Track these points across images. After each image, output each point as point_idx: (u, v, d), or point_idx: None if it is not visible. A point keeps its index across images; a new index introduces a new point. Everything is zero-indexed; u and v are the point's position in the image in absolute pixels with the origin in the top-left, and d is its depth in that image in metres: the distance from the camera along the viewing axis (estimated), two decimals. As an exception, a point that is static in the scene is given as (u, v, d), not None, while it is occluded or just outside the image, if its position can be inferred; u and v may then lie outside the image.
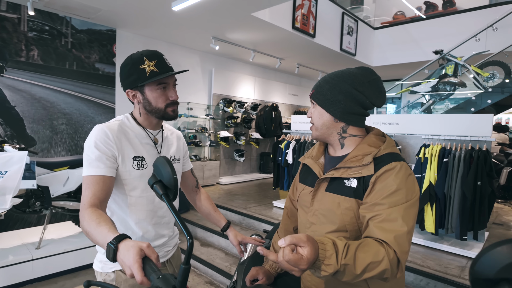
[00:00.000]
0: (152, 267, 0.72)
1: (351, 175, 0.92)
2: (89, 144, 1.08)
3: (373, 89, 0.96)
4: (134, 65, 1.11)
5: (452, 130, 3.08)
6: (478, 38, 4.53)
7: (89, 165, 1.05)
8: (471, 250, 2.86)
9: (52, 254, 3.07)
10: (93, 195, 1.00)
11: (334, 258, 0.70)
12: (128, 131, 1.18)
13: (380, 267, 0.74)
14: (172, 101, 1.16)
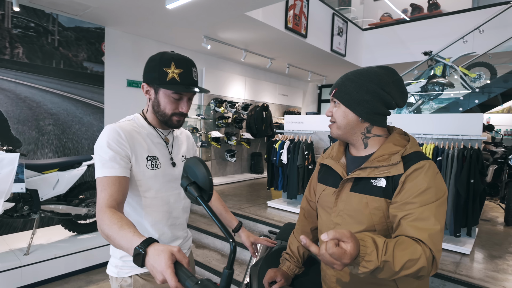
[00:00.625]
0: (186, 273, 0.69)
1: (379, 174, 0.91)
2: (101, 145, 1.04)
3: (397, 89, 0.96)
4: (160, 64, 1.08)
5: (443, 129, 3.16)
6: (465, 40, 4.67)
7: (103, 166, 1.01)
8: (463, 246, 2.94)
9: (42, 260, 2.95)
10: (110, 196, 0.96)
11: (375, 255, 0.70)
12: (140, 130, 1.14)
13: (418, 265, 0.74)
14: (180, 112, 1.13)
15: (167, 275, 0.67)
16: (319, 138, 4.11)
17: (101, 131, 1.08)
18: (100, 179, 1.00)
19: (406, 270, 0.73)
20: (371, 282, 0.93)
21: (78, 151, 4.34)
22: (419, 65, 5.12)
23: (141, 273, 1.12)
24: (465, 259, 2.80)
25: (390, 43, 6.30)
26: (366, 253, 0.70)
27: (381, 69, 0.98)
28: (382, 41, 6.43)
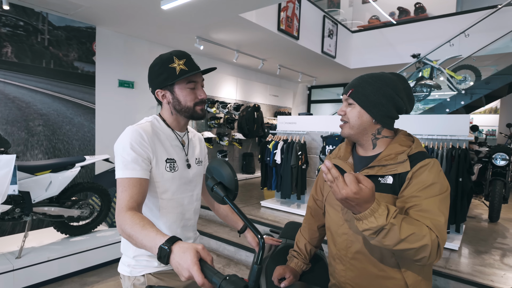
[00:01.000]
0: (211, 269, 0.71)
1: (386, 172, 0.96)
2: (123, 146, 1.05)
3: (408, 96, 1.02)
4: (164, 64, 1.10)
5: (432, 130, 3.27)
6: (452, 43, 4.84)
7: (125, 167, 1.02)
8: (452, 242, 3.05)
9: (35, 263, 2.90)
10: (130, 198, 0.98)
11: (385, 215, 0.76)
12: (160, 132, 1.16)
13: (422, 242, 0.80)
14: (200, 100, 1.16)
15: (194, 272, 0.70)
16: (312, 138, 4.17)
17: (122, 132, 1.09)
18: (121, 180, 1.01)
19: (410, 243, 0.79)
20: (379, 275, 0.98)
21: (68, 152, 4.27)
22: (407, 67, 5.27)
23: (154, 272, 1.14)
24: (453, 254, 2.91)
25: (379, 45, 6.45)
26: (377, 210, 0.75)
27: (394, 76, 1.03)
28: (371, 43, 6.58)
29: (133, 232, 0.87)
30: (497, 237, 3.47)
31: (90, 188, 3.50)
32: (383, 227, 0.78)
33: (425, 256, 0.83)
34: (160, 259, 0.76)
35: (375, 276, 0.99)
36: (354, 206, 0.78)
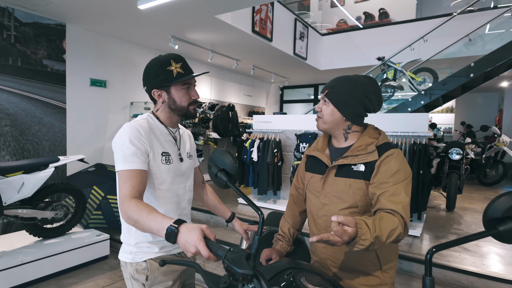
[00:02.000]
0: (215, 245, 0.82)
1: (359, 161, 1.12)
2: (123, 141, 1.12)
3: (377, 97, 1.17)
4: (162, 66, 1.19)
5: (396, 127, 3.56)
6: (412, 48, 5.23)
7: (125, 160, 1.10)
8: (415, 229, 3.35)
9: (8, 267, 2.81)
10: (133, 187, 1.06)
11: (369, 234, 0.88)
12: (155, 129, 1.24)
13: (397, 232, 0.95)
14: (194, 100, 1.26)
15: (200, 247, 0.81)
16: (286, 136, 4.35)
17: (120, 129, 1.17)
18: (122, 172, 1.09)
19: (390, 238, 0.94)
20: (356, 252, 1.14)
21: (38, 153, 4.13)
22: (373, 69, 5.62)
23: (155, 257, 1.23)
24: (416, 240, 3.20)
25: (347, 48, 6.79)
26: (362, 233, 0.88)
27: (366, 79, 1.19)
28: (339, 46, 6.90)
29: (140, 217, 0.96)
30: (453, 224, 3.83)
31: (64, 189, 3.42)
32: (372, 243, 0.90)
33: (400, 239, 1.00)
34: (168, 239, 0.86)
35: (355, 255, 1.15)
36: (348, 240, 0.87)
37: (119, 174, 1.10)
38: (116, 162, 1.12)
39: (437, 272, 2.67)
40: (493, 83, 8.53)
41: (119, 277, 3.21)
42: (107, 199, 3.96)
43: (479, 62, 4.54)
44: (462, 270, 2.58)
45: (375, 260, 1.14)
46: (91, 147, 4.81)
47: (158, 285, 1.22)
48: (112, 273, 3.29)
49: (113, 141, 1.16)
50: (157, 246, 1.23)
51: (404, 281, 2.66)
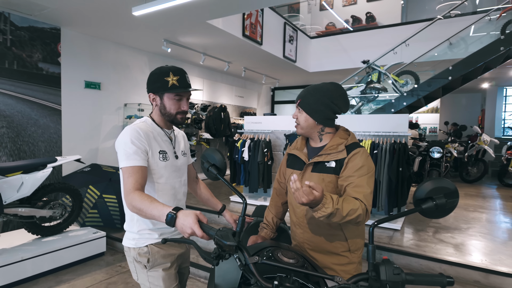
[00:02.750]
0: (207, 226, 1.00)
1: (331, 159, 1.31)
2: (125, 141, 1.29)
3: (343, 101, 1.36)
4: (161, 75, 1.37)
5: (378, 127, 3.78)
6: (395, 51, 5.48)
7: (128, 158, 1.27)
8: (395, 223, 3.57)
9: (8, 263, 2.94)
10: (135, 181, 1.23)
11: (331, 204, 1.08)
12: (152, 130, 1.41)
13: (357, 213, 1.14)
14: (182, 111, 1.43)
15: (195, 229, 0.98)
16: (276, 136, 4.54)
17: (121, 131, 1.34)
18: (126, 168, 1.26)
19: (350, 216, 1.13)
20: (328, 234, 1.33)
21: (34, 154, 4.24)
22: (358, 72, 5.85)
23: (155, 242, 1.40)
24: (396, 233, 3.42)
25: (334, 51, 7.01)
26: (326, 202, 1.07)
27: (332, 86, 1.37)
28: (327, 49, 7.13)
29: (143, 206, 1.13)
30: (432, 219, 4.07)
31: (61, 189, 3.54)
32: (331, 213, 1.10)
33: (360, 220, 1.18)
34: (168, 223, 1.03)
35: (325, 234, 1.33)
36: (310, 205, 1.08)
37: (123, 170, 1.26)
38: (119, 160, 1.29)
39: (414, 261, 2.88)
40: (476, 85, 8.88)
41: (115, 272, 3.35)
42: (102, 198, 4.09)
43: (456, 65, 4.80)
44: (435, 259, 2.80)
45: (345, 243, 1.33)
46: (86, 148, 4.92)
47: (158, 267, 1.39)
48: (109, 268, 3.43)
49: (116, 142, 1.33)
50: (157, 233, 1.40)
51: (384, 270, 2.87)
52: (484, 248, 3.07)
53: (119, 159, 1.29)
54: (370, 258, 0.93)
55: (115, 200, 4.12)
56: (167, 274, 1.40)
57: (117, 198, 4.13)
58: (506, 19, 5.25)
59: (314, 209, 1.08)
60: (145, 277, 1.38)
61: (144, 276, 1.39)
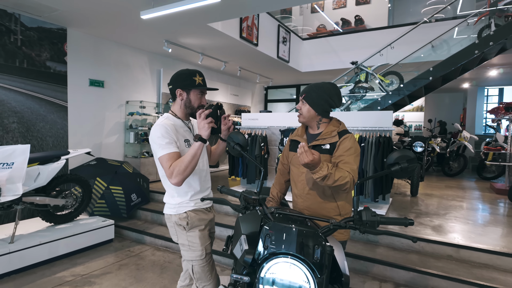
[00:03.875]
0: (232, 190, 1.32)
1: (326, 142, 1.65)
2: (157, 136, 1.61)
3: (337, 98, 1.70)
4: (189, 75, 1.69)
5: (365, 123, 4.14)
6: (381, 53, 5.88)
7: (162, 148, 1.59)
8: (381, 209, 3.94)
9: (28, 247, 3.18)
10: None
11: (326, 168, 1.43)
12: (174, 124, 1.72)
13: (345, 180, 1.48)
14: (202, 105, 1.77)
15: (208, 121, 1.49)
16: (272, 132, 4.87)
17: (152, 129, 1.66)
18: (163, 156, 1.58)
19: (339, 181, 1.47)
20: (322, 201, 1.66)
21: (43, 149, 4.46)
22: (347, 72, 6.23)
23: (191, 209, 1.73)
24: (381, 218, 3.79)
25: (325, 52, 7.39)
26: (322, 166, 1.41)
27: (330, 85, 1.70)
28: (318, 50, 7.50)
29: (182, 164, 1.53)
30: (414, 206, 4.47)
31: (72, 180, 3.79)
32: (326, 175, 1.44)
33: (347, 187, 1.52)
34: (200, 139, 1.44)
35: (320, 202, 1.67)
36: (311, 166, 1.42)
37: (161, 159, 1.59)
38: (155, 152, 1.62)
39: (396, 240, 3.26)
40: (458, 85, 9.39)
41: (125, 255, 3.63)
42: (109, 189, 4.35)
43: (436, 67, 5.22)
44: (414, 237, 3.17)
45: (336, 208, 1.67)
46: (91, 143, 5.16)
47: (195, 228, 1.73)
48: (119, 252, 3.70)
49: (150, 138, 1.66)
50: (193, 202, 1.75)
51: (370, 248, 3.23)
52: (457, 228, 3.47)
53: (155, 152, 1.61)
54: (354, 205, 1.27)
55: (121, 191, 4.39)
56: (202, 234, 1.74)
57: (123, 190, 4.40)
58: (483, 24, 5.71)
59: (313, 171, 1.43)
60: (185, 237, 1.72)
61: (184, 237, 1.72)
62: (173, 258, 3.60)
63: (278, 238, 1.15)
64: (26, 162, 2.39)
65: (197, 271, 1.71)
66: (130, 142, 5.74)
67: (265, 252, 1.15)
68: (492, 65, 6.93)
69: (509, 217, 4.01)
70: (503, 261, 2.81)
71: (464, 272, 2.74)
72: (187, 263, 1.75)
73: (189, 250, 1.72)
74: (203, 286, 1.73)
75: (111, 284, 2.94)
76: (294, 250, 1.11)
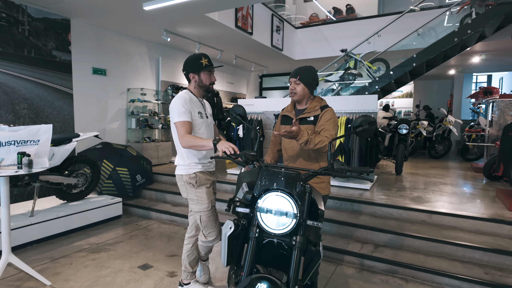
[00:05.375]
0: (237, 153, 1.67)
1: (310, 115, 2.00)
2: (178, 105, 1.95)
3: (318, 79, 2.05)
4: (196, 60, 2.02)
5: (353, 106, 4.49)
6: (369, 41, 6.19)
7: (180, 115, 1.93)
8: (366, 185, 4.34)
9: (47, 219, 3.53)
10: (186, 130, 1.91)
11: (306, 135, 1.78)
12: (191, 98, 2.06)
13: (324, 143, 1.83)
14: (212, 81, 2.10)
15: (232, 146, 1.67)
16: (266, 117, 5.20)
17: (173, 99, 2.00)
18: (179, 122, 1.92)
19: (319, 145, 1.82)
20: (308, 163, 2.02)
21: (51, 133, 4.74)
22: (337, 59, 6.55)
23: (199, 170, 2.08)
24: (366, 192, 4.19)
25: (317, 40, 7.68)
26: (303, 134, 1.77)
27: (313, 68, 2.06)
28: (311, 39, 7.78)
29: (194, 140, 1.82)
30: (397, 182, 4.88)
31: (83, 161, 4.11)
32: (307, 140, 1.79)
33: (327, 150, 1.88)
34: (214, 146, 1.71)
35: (306, 164, 2.03)
36: (295, 136, 1.77)
37: (177, 124, 1.93)
38: (173, 117, 1.96)
39: (377, 209, 3.65)
40: (445, 71, 9.77)
41: (134, 228, 3.99)
42: (116, 170, 4.67)
43: (419, 54, 5.56)
44: (393, 206, 3.57)
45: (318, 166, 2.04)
46: (95, 129, 5.45)
47: (202, 186, 2.09)
48: (128, 226, 4.06)
49: (170, 106, 1.99)
50: (201, 164, 2.10)
51: (354, 216, 3.63)
52: (433, 199, 3.87)
53: (173, 117, 1.95)
54: (329, 157, 1.63)
55: (127, 172, 4.72)
56: (208, 190, 2.11)
57: (128, 171, 4.73)
58: (466, 12, 6.03)
59: (297, 139, 1.79)
60: (194, 193, 2.09)
61: (193, 192, 2.09)
62: (178, 229, 3.97)
63: (271, 179, 1.51)
64: (50, 139, 2.69)
65: (204, 220, 2.09)
66: (132, 127, 6.04)
67: (261, 189, 1.51)
68: (475, 52, 7.28)
69: (481, 190, 4.44)
70: (468, 223, 3.23)
71: (435, 233, 3.15)
72: (195, 214, 2.12)
73: (198, 203, 2.08)
74: (209, 232, 2.11)
75: (124, 250, 3.31)
76: (282, 186, 1.47)
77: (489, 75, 12.49)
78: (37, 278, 2.62)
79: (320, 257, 1.50)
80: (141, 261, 3.05)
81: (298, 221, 1.43)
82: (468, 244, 2.87)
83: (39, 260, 3.06)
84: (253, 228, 1.49)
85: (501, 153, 4.37)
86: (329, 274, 2.84)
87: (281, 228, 1.44)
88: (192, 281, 2.32)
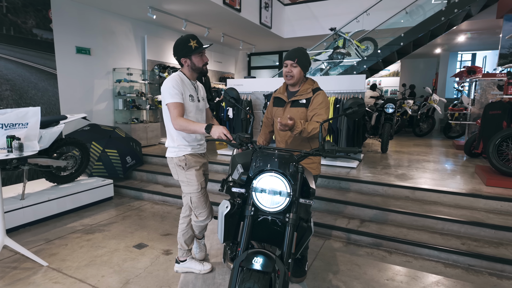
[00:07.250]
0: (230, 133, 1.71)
1: (302, 98, 2.04)
2: (169, 86, 1.95)
3: (310, 61, 2.07)
4: (185, 43, 2.00)
5: (340, 86, 4.54)
6: (358, 20, 6.17)
7: (172, 97, 1.93)
8: (352, 163, 4.48)
9: (39, 202, 3.53)
10: (179, 112, 1.91)
11: (300, 126, 1.82)
12: (184, 81, 2.06)
13: (316, 130, 1.89)
14: (205, 62, 2.09)
15: (225, 131, 1.70)
16: (256, 97, 5.21)
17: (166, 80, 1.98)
18: (171, 103, 1.92)
19: (312, 132, 1.88)
20: (301, 144, 2.09)
21: (37, 115, 4.64)
22: (326, 38, 6.52)
23: (188, 153, 2.10)
24: (353, 170, 4.33)
25: (306, 18, 7.58)
26: (298, 125, 1.81)
27: (306, 51, 2.07)
28: (300, 16, 7.67)
29: (187, 124, 1.83)
30: (383, 160, 5.05)
31: (71, 143, 4.07)
32: (301, 130, 1.83)
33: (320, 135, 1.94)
34: (207, 130, 1.73)
35: (297, 145, 2.10)
36: (289, 129, 1.79)
37: (169, 105, 1.93)
38: (165, 98, 1.95)
39: (363, 186, 3.81)
40: (431, 50, 9.86)
41: (127, 209, 4.04)
42: (105, 152, 4.65)
43: (407, 33, 5.60)
44: (378, 183, 3.73)
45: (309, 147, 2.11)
46: (82, 110, 5.35)
47: (192, 168, 2.12)
48: (120, 207, 4.11)
49: (162, 87, 1.98)
50: (190, 147, 2.12)
51: (342, 193, 3.77)
52: (417, 176, 4.05)
53: (165, 98, 1.95)
54: (320, 138, 1.70)
55: (116, 154, 4.71)
56: (198, 172, 2.14)
57: (118, 152, 4.71)
58: (454, -9, 6.05)
59: (292, 130, 1.83)
60: (184, 175, 2.12)
61: (183, 175, 2.12)
62: (171, 209, 4.05)
63: (265, 160, 1.58)
64: (39, 122, 2.66)
65: (194, 201, 2.15)
66: (119, 108, 5.95)
67: (256, 170, 1.58)
68: (460, 31, 7.37)
69: (461, 166, 4.66)
70: (448, 198, 3.42)
71: (417, 208, 3.33)
72: (187, 196, 2.17)
73: (188, 185, 2.13)
74: (200, 212, 2.19)
75: (119, 230, 3.37)
76: (276, 167, 1.54)
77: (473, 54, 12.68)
78: (33, 259, 2.67)
79: (311, 232, 1.60)
80: (136, 240, 3.13)
81: (291, 199, 1.52)
82: (447, 218, 3.06)
83: (33, 242, 3.09)
84: (248, 207, 1.56)
85: (481, 131, 4.56)
86: (318, 248, 3.00)
87: (275, 206, 1.52)
88: (188, 258, 2.42)
